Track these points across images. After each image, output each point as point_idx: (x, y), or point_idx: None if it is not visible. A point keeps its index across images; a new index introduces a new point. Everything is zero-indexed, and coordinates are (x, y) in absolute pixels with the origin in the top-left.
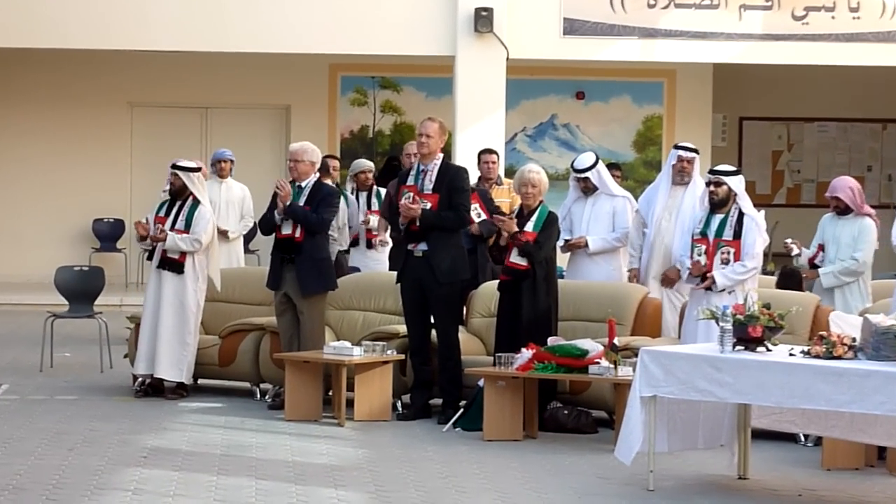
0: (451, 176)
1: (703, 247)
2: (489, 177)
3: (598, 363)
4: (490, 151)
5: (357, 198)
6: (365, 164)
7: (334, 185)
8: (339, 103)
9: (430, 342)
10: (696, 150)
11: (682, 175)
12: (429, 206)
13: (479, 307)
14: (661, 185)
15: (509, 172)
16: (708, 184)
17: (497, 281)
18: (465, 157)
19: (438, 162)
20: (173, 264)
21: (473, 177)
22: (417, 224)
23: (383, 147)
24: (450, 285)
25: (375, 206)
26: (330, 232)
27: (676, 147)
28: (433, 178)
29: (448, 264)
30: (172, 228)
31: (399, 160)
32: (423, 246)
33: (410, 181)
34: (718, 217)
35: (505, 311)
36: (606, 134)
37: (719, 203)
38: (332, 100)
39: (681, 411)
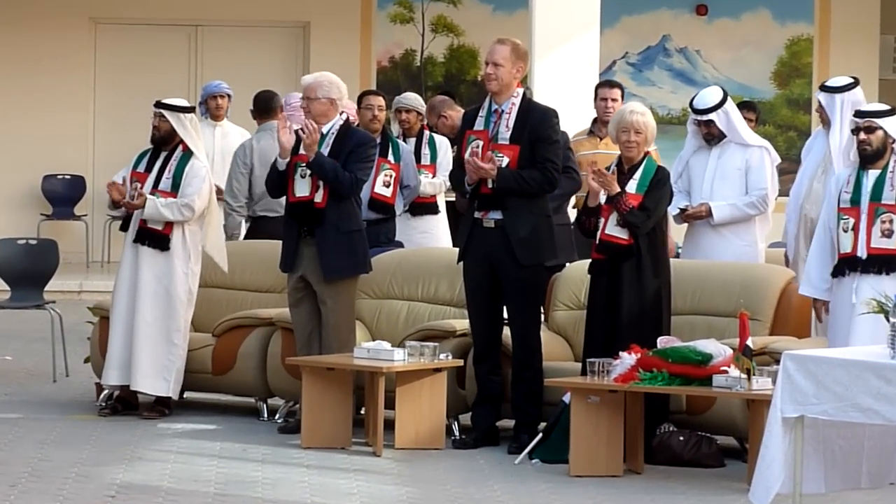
0: (535, 120)
1: (852, 219)
2: (608, 120)
3: (725, 372)
4: (612, 84)
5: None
6: (410, 99)
7: (371, 132)
8: (376, 20)
9: (500, 344)
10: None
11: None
12: (506, 161)
13: (564, 296)
14: (819, 137)
15: None
16: (855, 130)
17: (587, 261)
18: (544, 94)
19: (517, 100)
20: (156, 237)
21: (571, 122)
22: (490, 185)
23: (434, 79)
24: (532, 268)
25: (426, 158)
26: (227, 198)
27: (826, 89)
28: (510, 123)
29: (531, 240)
30: (155, 189)
31: (454, 95)
32: (496, 214)
33: (479, 125)
34: (873, 174)
35: (599, 302)
36: (737, 62)
37: (873, 155)
38: (365, 15)
39: (839, 437)
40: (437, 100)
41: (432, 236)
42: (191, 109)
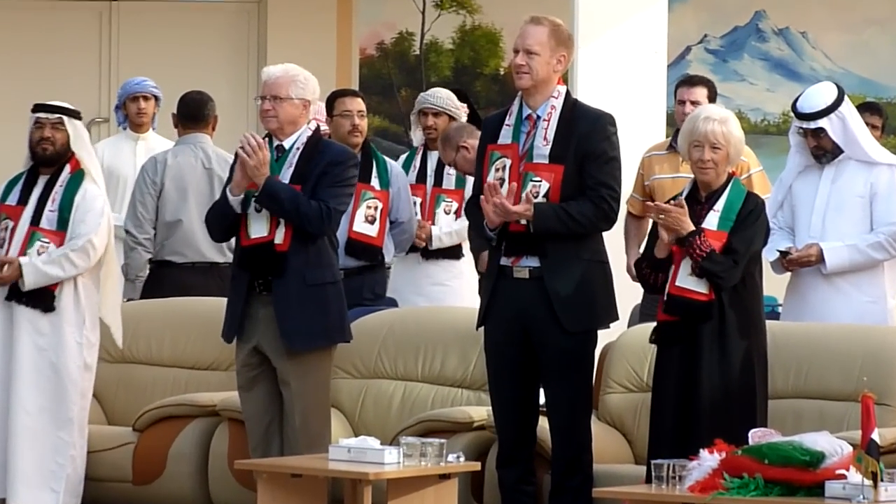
0: (584, 130)
1: None
2: None
3: (842, 477)
4: (695, 82)
5: (424, 161)
6: (440, 98)
7: (350, 145)
8: None
9: (534, 441)
10: None
11: None
12: (545, 188)
13: (620, 373)
14: None
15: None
16: None
17: (651, 325)
18: (592, 92)
19: (559, 102)
20: (36, 295)
21: (630, 132)
22: (526, 224)
23: (440, 73)
24: (581, 336)
25: (450, 181)
26: (128, 227)
27: None
28: (550, 135)
29: (580, 296)
30: (35, 227)
31: (467, 96)
32: (531, 261)
33: (506, 137)
34: None
35: (668, 382)
36: (858, 48)
37: None
38: None
39: None
40: (454, 128)
41: (451, 290)
42: (78, 114)
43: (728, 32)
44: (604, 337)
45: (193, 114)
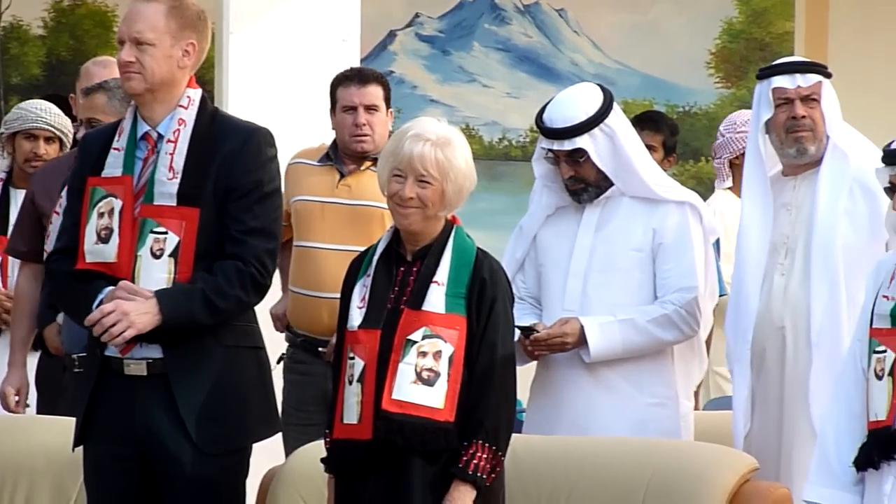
0: (227, 152)
1: (891, 353)
2: (360, 150)
3: None
4: (367, 78)
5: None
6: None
7: None
8: None
9: None
10: (822, 70)
11: (798, 141)
12: (173, 245)
13: None
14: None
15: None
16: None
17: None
18: (242, 97)
19: (190, 113)
20: None
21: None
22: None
23: (26, 71)
24: (224, 459)
25: None
26: None
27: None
28: (178, 163)
29: (219, 400)
30: None
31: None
32: (149, 351)
33: (114, 167)
34: None
35: None
36: (642, 33)
37: None
38: None
39: None
40: None
41: None
42: None
43: (449, 11)
44: (264, 457)
45: None
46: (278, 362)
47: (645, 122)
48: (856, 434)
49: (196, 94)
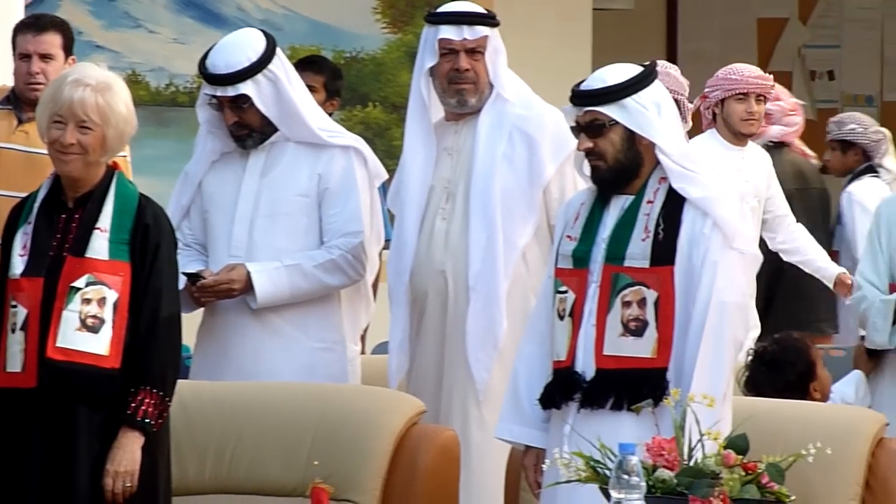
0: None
1: (571, 293)
2: (33, 97)
3: None
4: (44, 25)
5: None
6: None
7: None
8: None
9: None
10: (490, 21)
11: (459, 93)
12: None
13: None
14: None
15: None
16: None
17: None
18: None
19: None
20: None
21: None
22: None
23: None
24: None
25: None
26: None
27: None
28: None
29: None
30: None
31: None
32: None
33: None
34: (617, 206)
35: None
36: None
37: (612, 176)
38: None
39: None
40: None
41: None
42: None
43: None
44: None
45: None
46: None
47: (306, 64)
48: (545, 372)
49: None
